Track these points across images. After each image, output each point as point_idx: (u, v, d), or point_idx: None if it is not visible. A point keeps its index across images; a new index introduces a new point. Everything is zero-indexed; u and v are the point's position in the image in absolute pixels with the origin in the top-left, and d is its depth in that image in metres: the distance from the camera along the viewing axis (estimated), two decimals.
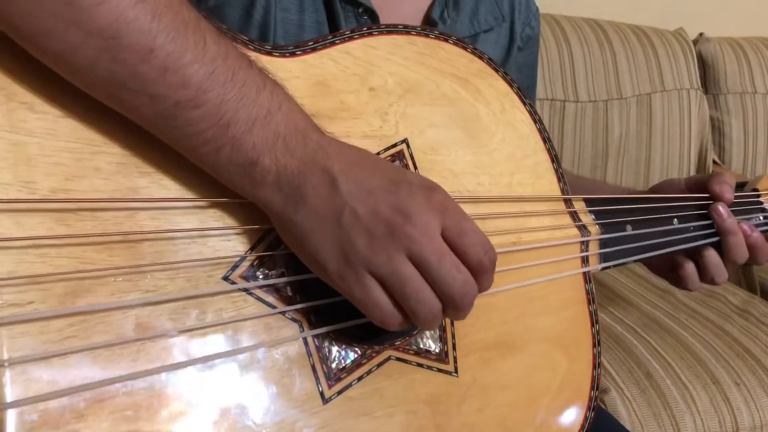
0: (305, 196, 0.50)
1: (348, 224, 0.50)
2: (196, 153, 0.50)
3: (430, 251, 0.50)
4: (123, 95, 0.47)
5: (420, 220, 0.50)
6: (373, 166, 0.53)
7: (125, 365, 0.46)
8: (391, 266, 0.50)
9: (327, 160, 0.51)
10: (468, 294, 0.52)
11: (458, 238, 0.52)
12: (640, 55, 1.97)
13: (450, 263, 0.51)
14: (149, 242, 0.49)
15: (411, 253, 0.50)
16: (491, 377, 0.63)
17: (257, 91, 0.49)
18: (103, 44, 0.45)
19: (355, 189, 0.50)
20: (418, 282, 0.51)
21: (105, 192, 0.48)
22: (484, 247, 0.53)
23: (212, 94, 0.47)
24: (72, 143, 0.48)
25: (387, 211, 0.50)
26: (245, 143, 0.49)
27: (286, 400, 0.52)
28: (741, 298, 1.56)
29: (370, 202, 0.50)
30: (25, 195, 0.45)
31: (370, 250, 0.50)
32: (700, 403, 1.19)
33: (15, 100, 0.46)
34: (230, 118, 0.48)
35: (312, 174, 0.50)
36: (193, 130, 0.48)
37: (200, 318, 0.50)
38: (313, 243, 0.50)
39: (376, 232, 0.50)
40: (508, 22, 0.94)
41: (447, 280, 0.51)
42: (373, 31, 0.64)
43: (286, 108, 0.51)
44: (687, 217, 0.83)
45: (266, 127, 0.49)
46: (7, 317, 0.43)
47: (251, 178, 0.50)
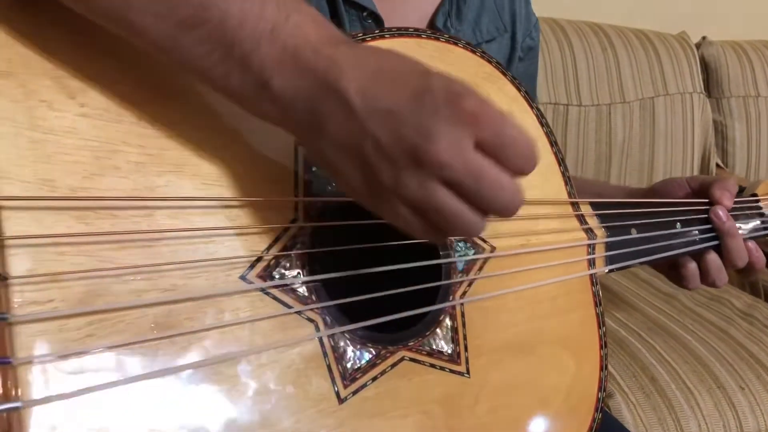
0: (323, 124, 0.46)
1: (372, 155, 0.45)
2: (209, 78, 0.48)
3: (465, 174, 0.45)
4: (130, 16, 0.46)
5: (448, 142, 0.44)
6: (394, 76, 0.46)
7: (144, 364, 0.46)
8: (422, 194, 0.45)
9: (341, 79, 0.45)
10: (513, 204, 0.47)
11: (497, 151, 0.45)
12: (642, 59, 1.97)
13: (489, 182, 0.45)
14: (167, 241, 0.49)
15: (443, 178, 0.45)
16: (502, 378, 0.63)
17: (261, 4, 0.46)
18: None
19: (374, 110, 0.45)
20: (451, 207, 0.45)
21: (123, 191, 0.48)
22: (530, 159, 0.47)
23: (214, 10, 0.45)
24: (91, 142, 0.48)
25: (411, 135, 0.44)
26: (253, 63, 0.46)
27: (302, 400, 0.52)
28: (745, 302, 1.56)
29: (392, 126, 0.45)
30: (44, 193, 0.45)
31: (397, 181, 0.45)
32: (705, 407, 1.19)
33: (34, 98, 0.46)
34: (234, 36, 0.45)
35: (326, 98, 0.46)
36: (200, 52, 0.46)
37: (218, 317, 0.50)
38: (341, 174, 0.47)
39: (402, 161, 0.45)
40: (509, 32, 0.95)
41: (488, 199, 0.46)
42: (384, 33, 0.64)
43: (294, 20, 0.46)
44: (689, 221, 0.84)
45: (273, 44, 0.46)
46: (28, 315, 0.43)
47: (268, 101, 0.47)
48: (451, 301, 0.63)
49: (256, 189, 0.53)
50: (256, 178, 0.53)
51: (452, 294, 0.63)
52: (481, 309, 0.64)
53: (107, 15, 0.47)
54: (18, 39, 0.46)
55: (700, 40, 2.14)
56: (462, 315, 0.63)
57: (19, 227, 0.44)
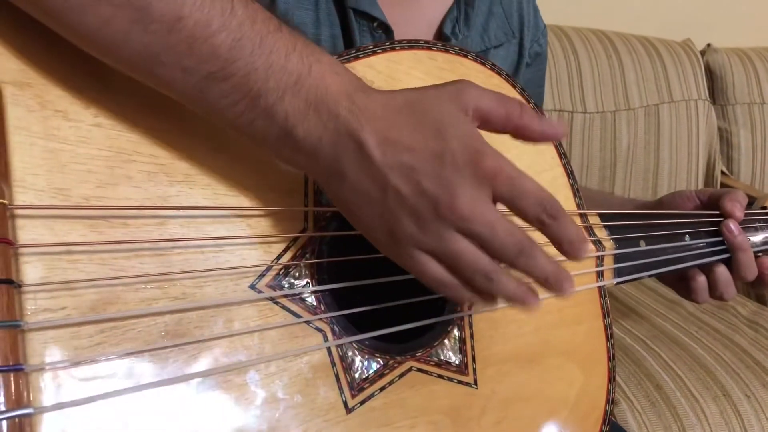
0: (345, 172, 0.48)
1: (393, 204, 0.48)
2: (234, 125, 0.49)
3: (481, 225, 0.48)
4: (158, 69, 0.46)
5: (467, 197, 0.48)
6: (413, 130, 0.49)
7: (154, 372, 0.47)
8: (442, 244, 0.49)
9: (362, 131, 0.48)
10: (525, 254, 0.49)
11: (512, 202, 0.49)
12: (647, 66, 1.97)
13: (503, 231, 0.49)
14: (178, 250, 0.49)
15: (461, 230, 0.48)
16: (510, 389, 0.63)
17: (286, 56, 0.48)
18: (133, 15, 0.44)
19: (395, 164, 0.48)
20: (470, 254, 0.49)
21: (136, 200, 0.49)
22: (542, 204, 0.49)
23: (240, 64, 0.46)
24: (105, 151, 0.48)
25: (432, 190, 0.47)
26: (277, 114, 0.48)
27: (310, 409, 0.52)
28: (751, 310, 1.56)
29: (414, 180, 0.48)
30: (58, 202, 0.46)
31: (418, 231, 0.48)
32: (711, 415, 1.19)
33: (49, 108, 0.47)
34: (260, 88, 0.47)
35: (347, 148, 0.48)
36: (226, 102, 0.47)
37: (227, 326, 0.50)
38: (362, 220, 0.50)
39: (422, 212, 0.48)
40: (517, 38, 0.96)
41: (502, 247, 0.49)
42: (395, 45, 0.65)
43: (317, 71, 0.48)
44: (698, 234, 0.84)
45: (297, 95, 0.48)
46: (41, 322, 0.44)
47: (291, 147, 0.49)
48: (459, 312, 0.63)
49: (266, 199, 0.54)
50: (267, 188, 0.54)
51: (460, 305, 0.63)
52: (489, 320, 0.65)
53: (134, 68, 0.48)
54: (34, 50, 0.47)
55: (704, 47, 2.14)
56: (470, 326, 0.63)
57: (33, 235, 0.45)
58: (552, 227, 0.50)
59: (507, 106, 0.51)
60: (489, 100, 0.51)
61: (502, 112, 0.51)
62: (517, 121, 0.51)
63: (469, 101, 0.50)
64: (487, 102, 0.50)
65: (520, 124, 0.51)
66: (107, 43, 0.46)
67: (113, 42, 0.46)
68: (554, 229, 0.50)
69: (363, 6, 0.77)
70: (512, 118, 0.51)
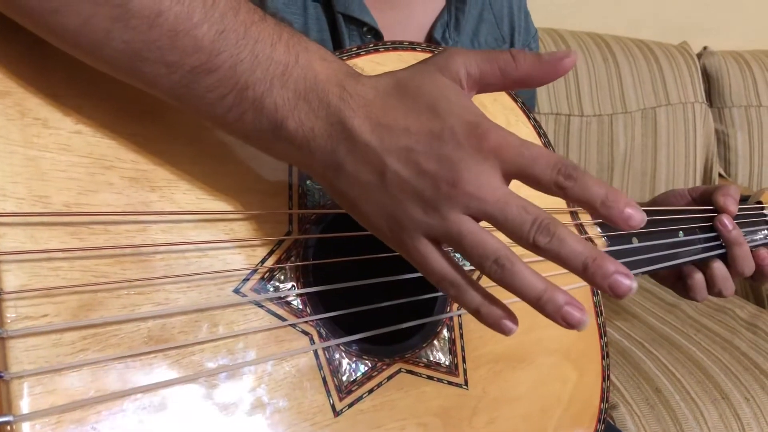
0: (340, 162, 0.47)
1: (394, 189, 0.46)
2: (223, 123, 0.48)
3: (491, 203, 0.44)
4: (141, 67, 0.46)
5: (473, 174, 0.44)
6: (408, 111, 0.46)
7: (138, 378, 0.47)
8: (447, 226, 0.45)
9: (354, 118, 0.46)
10: (542, 227, 0.44)
11: (523, 173, 0.45)
12: (644, 69, 1.98)
13: (516, 206, 0.44)
14: (161, 255, 0.49)
15: (469, 210, 0.45)
16: (501, 389, 0.63)
17: (272, 46, 0.47)
18: (113, 12, 0.43)
19: (392, 148, 0.45)
20: (477, 236, 0.45)
21: (117, 206, 0.48)
22: (556, 166, 0.44)
23: (225, 56, 0.45)
24: (85, 158, 0.48)
25: (434, 169, 0.45)
26: (266, 106, 0.47)
27: (297, 413, 0.52)
28: (749, 312, 1.55)
29: (413, 161, 0.45)
30: (39, 209, 0.46)
31: (423, 214, 0.45)
32: (710, 419, 1.18)
33: (29, 116, 0.47)
34: (247, 80, 0.46)
35: (341, 137, 0.46)
36: (214, 96, 0.46)
37: (212, 331, 0.50)
38: (363, 210, 0.48)
39: (425, 194, 0.45)
40: (508, 43, 0.96)
41: (516, 223, 0.44)
42: (379, 47, 0.65)
43: (304, 60, 0.47)
44: (692, 230, 0.84)
45: (285, 85, 0.46)
46: (22, 330, 0.43)
47: (283, 140, 0.48)
48: (448, 312, 0.63)
49: (250, 202, 0.53)
50: (251, 191, 0.54)
51: (449, 305, 0.63)
52: None
53: (117, 67, 0.47)
54: (14, 58, 0.47)
55: (701, 50, 2.15)
56: (460, 326, 0.63)
57: (13, 243, 0.44)
58: (575, 189, 0.44)
59: (499, 61, 0.48)
60: (477, 62, 0.48)
61: (495, 71, 0.48)
62: (515, 75, 0.48)
63: (459, 68, 0.48)
64: (476, 65, 0.48)
65: (519, 77, 0.48)
66: (88, 42, 0.45)
67: (94, 41, 0.45)
68: (578, 190, 0.44)
69: (352, 11, 0.77)
70: (509, 73, 0.48)
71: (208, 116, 0.48)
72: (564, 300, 0.44)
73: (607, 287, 0.43)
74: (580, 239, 0.44)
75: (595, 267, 0.43)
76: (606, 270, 0.43)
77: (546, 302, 0.45)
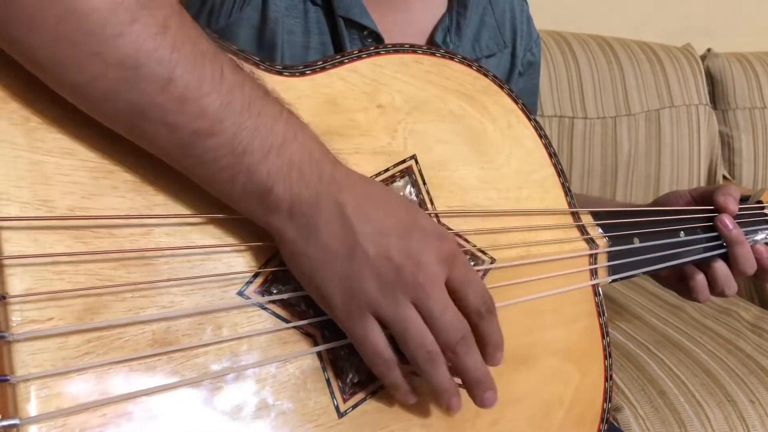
0: (318, 230, 0.50)
1: (359, 264, 0.51)
2: (212, 181, 0.50)
3: (435, 301, 0.52)
4: (142, 125, 0.47)
5: (429, 270, 0.52)
6: (386, 204, 0.54)
7: (142, 380, 0.47)
8: (396, 309, 0.51)
9: (341, 193, 0.51)
10: (465, 342, 0.54)
11: (461, 287, 0.54)
12: (648, 71, 1.98)
13: (452, 313, 0.53)
14: (165, 259, 0.50)
15: (417, 300, 0.52)
16: (504, 391, 0.62)
17: (273, 120, 0.50)
18: (122, 74, 0.45)
19: (369, 229, 0.51)
20: (420, 326, 0.52)
21: (121, 210, 0.49)
22: (484, 297, 0.55)
23: (228, 123, 0.48)
24: (89, 162, 0.48)
25: (399, 257, 0.51)
26: (260, 171, 0.49)
27: (302, 415, 0.52)
28: (754, 314, 1.55)
29: (383, 246, 0.51)
30: (43, 213, 0.46)
31: (377, 293, 0.51)
32: (715, 421, 1.18)
33: (33, 121, 0.47)
34: (246, 146, 0.48)
35: (325, 207, 0.51)
36: (209, 157, 0.48)
37: (216, 333, 0.50)
38: (321, 276, 0.51)
39: (385, 276, 0.51)
40: (509, 48, 0.96)
41: (448, 329, 0.53)
42: (380, 50, 0.65)
43: (301, 137, 0.51)
44: (693, 230, 0.84)
45: (281, 156, 0.49)
46: (27, 333, 0.44)
47: (265, 205, 0.50)
48: None
49: None
50: None
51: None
52: None
53: (116, 122, 0.48)
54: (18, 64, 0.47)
55: (705, 52, 2.15)
56: None
57: (18, 247, 0.45)
58: (486, 322, 0.55)
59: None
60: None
61: None
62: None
63: None
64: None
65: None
66: (93, 98, 0.46)
67: (97, 98, 0.46)
68: (486, 325, 0.56)
69: (353, 15, 0.78)
70: None
71: (199, 174, 0.50)
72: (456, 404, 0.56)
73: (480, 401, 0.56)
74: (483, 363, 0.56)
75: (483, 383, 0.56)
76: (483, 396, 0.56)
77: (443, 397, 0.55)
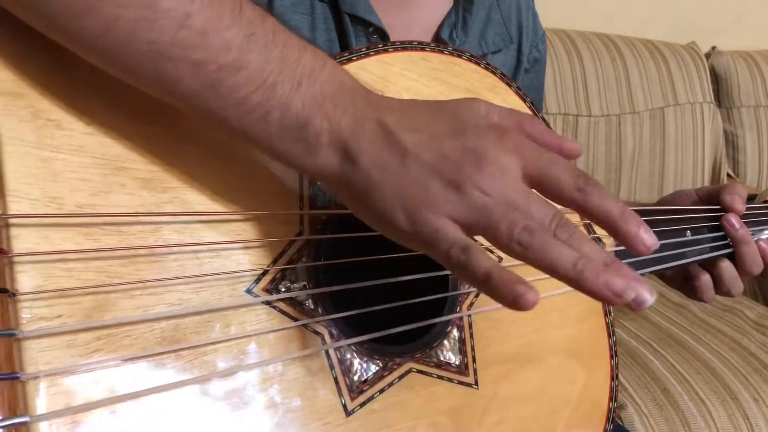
0: (363, 152, 0.46)
1: (414, 173, 0.45)
2: (245, 124, 0.47)
3: (513, 192, 0.44)
4: (164, 68, 0.45)
5: (495, 159, 0.44)
6: (432, 114, 0.48)
7: (151, 378, 0.47)
8: (469, 199, 0.44)
9: (380, 112, 0.47)
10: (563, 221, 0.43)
11: (543, 171, 0.45)
12: (652, 69, 1.97)
13: (538, 200, 0.44)
14: (174, 256, 0.50)
15: (489, 191, 0.44)
16: (511, 389, 0.63)
17: (299, 51, 0.47)
18: (139, 13, 0.43)
19: (416, 137, 0.46)
20: (502, 206, 0.43)
21: (130, 207, 0.49)
22: (574, 171, 0.45)
23: (255, 54, 0.45)
24: (98, 159, 0.48)
25: (456, 154, 0.45)
26: (293, 104, 0.46)
27: (309, 413, 0.52)
28: (758, 313, 1.55)
29: (435, 148, 0.45)
30: (52, 210, 0.46)
31: (442, 191, 0.44)
32: (719, 419, 1.18)
33: (42, 117, 0.47)
34: (275, 79, 0.46)
35: (367, 129, 0.47)
36: (240, 95, 0.46)
37: (224, 331, 0.50)
38: (377, 198, 0.46)
39: (447, 173, 0.44)
40: (515, 44, 0.96)
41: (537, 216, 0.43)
42: (388, 47, 0.65)
43: (330, 67, 0.48)
44: (700, 229, 0.84)
45: (312, 85, 0.47)
46: (37, 331, 0.44)
47: (305, 142, 0.47)
48: (458, 312, 0.63)
49: (261, 203, 0.54)
50: (262, 192, 0.54)
51: (459, 305, 0.63)
52: (488, 320, 0.64)
53: (137, 70, 0.46)
54: (27, 59, 0.47)
55: (709, 50, 2.14)
56: (470, 326, 0.63)
57: (28, 244, 0.45)
58: (593, 193, 0.44)
59: (516, 119, 0.49)
60: (498, 110, 0.49)
61: (512, 122, 0.49)
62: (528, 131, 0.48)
63: (481, 105, 0.49)
64: (497, 112, 0.49)
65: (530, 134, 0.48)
66: (110, 46, 0.44)
67: (116, 44, 0.44)
68: (596, 197, 0.44)
69: (359, 11, 0.77)
70: (523, 127, 0.48)
71: (228, 119, 0.47)
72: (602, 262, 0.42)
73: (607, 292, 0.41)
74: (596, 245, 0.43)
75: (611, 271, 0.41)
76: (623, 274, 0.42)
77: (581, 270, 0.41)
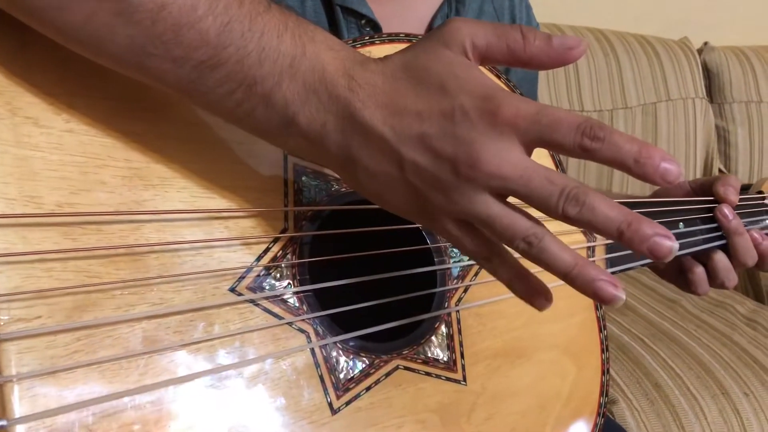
0: (357, 157, 0.46)
1: (414, 179, 0.45)
2: (235, 117, 0.48)
3: (514, 180, 0.43)
4: (147, 62, 0.45)
5: (491, 152, 0.43)
6: (417, 93, 0.45)
7: (133, 379, 0.46)
8: (473, 208, 0.44)
9: (364, 109, 0.45)
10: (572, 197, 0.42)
11: (544, 141, 0.43)
12: (644, 64, 1.98)
13: (540, 180, 0.42)
14: (155, 255, 0.49)
15: (493, 189, 0.44)
16: (500, 385, 0.62)
17: (278, 37, 0.45)
18: (115, 6, 0.43)
19: (406, 137, 0.44)
20: (504, 219, 0.44)
21: (110, 205, 0.48)
22: (579, 128, 0.42)
23: (232, 49, 0.45)
24: (77, 157, 0.48)
25: (451, 152, 0.43)
26: (276, 101, 0.46)
27: (295, 412, 0.52)
28: (749, 308, 1.55)
29: (428, 147, 0.44)
30: (30, 210, 0.45)
31: (446, 200, 0.45)
32: (710, 413, 1.18)
33: (20, 115, 0.46)
34: (255, 75, 0.45)
35: (354, 131, 0.46)
36: (222, 91, 0.46)
37: (207, 330, 0.50)
38: (389, 200, 0.47)
39: (446, 178, 0.44)
40: None
41: (543, 198, 0.42)
42: (375, 39, 0.64)
43: (311, 51, 0.46)
44: (693, 221, 0.83)
45: (294, 79, 0.46)
46: (15, 332, 0.43)
47: (298, 136, 0.47)
48: (446, 308, 0.62)
49: (245, 200, 0.53)
50: (245, 188, 0.53)
51: (447, 301, 0.63)
52: (477, 315, 0.64)
53: (121, 62, 0.46)
54: (4, 56, 0.46)
55: (702, 45, 2.14)
56: (458, 322, 0.63)
57: (5, 244, 0.44)
58: (603, 150, 0.42)
59: (508, 38, 0.45)
60: (485, 34, 0.46)
61: (503, 47, 0.46)
62: (521, 55, 0.45)
63: (464, 39, 0.46)
64: (483, 37, 0.46)
65: (525, 58, 0.46)
66: (92, 39, 0.44)
67: (98, 37, 0.44)
68: (606, 152, 0.42)
69: (351, 3, 0.77)
70: (515, 51, 0.46)
71: (218, 111, 0.48)
72: (594, 274, 0.43)
73: (647, 251, 0.41)
74: (613, 204, 0.42)
75: (631, 232, 0.41)
76: (644, 233, 0.41)
77: (575, 276, 0.43)
